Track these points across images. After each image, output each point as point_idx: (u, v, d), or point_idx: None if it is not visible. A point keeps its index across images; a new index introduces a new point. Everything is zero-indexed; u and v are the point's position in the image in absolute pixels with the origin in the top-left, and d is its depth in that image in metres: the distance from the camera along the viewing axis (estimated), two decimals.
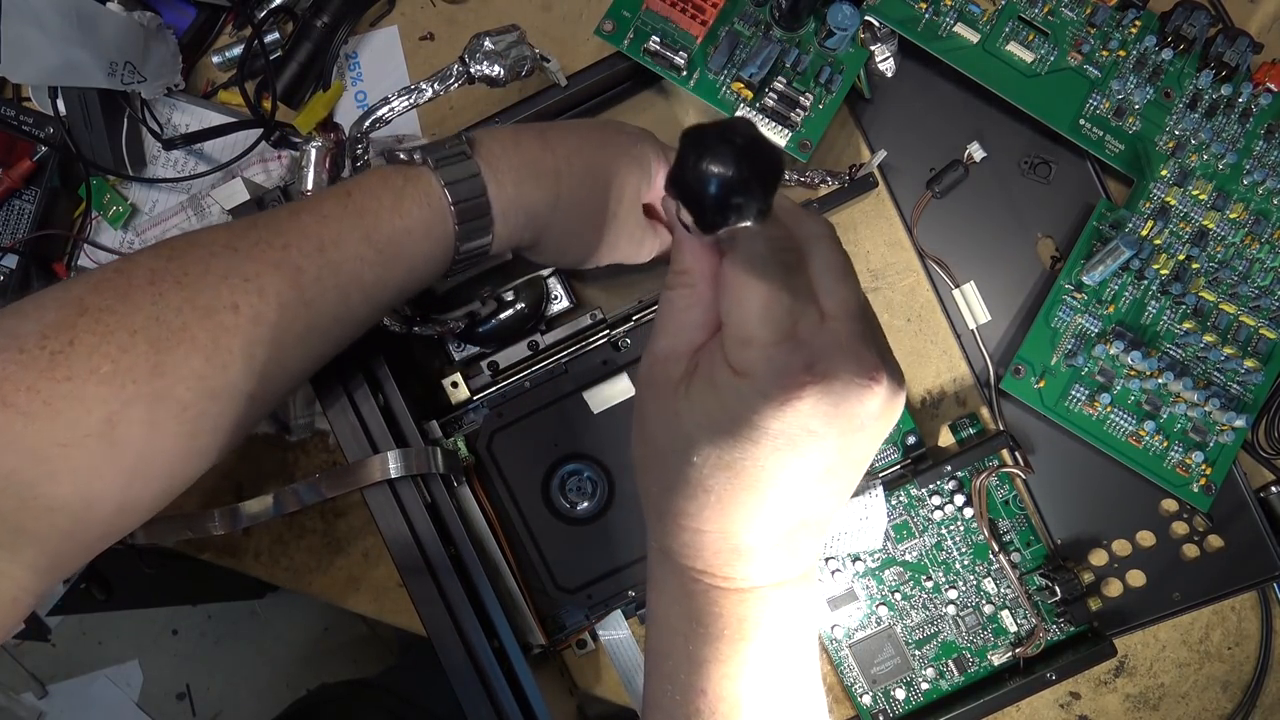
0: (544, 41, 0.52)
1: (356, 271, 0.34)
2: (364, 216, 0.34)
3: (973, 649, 0.49)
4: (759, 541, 0.28)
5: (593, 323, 0.48)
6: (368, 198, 0.35)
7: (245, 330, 0.32)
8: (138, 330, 0.30)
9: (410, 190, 0.35)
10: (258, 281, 0.32)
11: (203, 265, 0.32)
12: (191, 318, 0.31)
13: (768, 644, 0.30)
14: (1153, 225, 0.47)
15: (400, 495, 0.42)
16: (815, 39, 0.47)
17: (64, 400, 0.29)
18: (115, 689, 1.30)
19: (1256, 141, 0.48)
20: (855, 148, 0.51)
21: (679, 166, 0.23)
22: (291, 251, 0.33)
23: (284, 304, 0.33)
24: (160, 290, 0.31)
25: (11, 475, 0.29)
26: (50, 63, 0.46)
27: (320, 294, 0.34)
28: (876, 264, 0.51)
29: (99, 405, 0.30)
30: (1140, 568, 0.49)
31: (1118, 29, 0.48)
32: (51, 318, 0.30)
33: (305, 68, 0.52)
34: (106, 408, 0.30)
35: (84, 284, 0.31)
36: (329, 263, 0.34)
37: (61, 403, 0.29)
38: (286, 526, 0.53)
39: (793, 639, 0.31)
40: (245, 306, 0.32)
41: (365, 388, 0.43)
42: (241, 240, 0.33)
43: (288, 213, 0.34)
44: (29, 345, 0.29)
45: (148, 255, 0.32)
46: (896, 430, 0.49)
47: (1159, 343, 0.47)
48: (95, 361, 0.30)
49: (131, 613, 1.28)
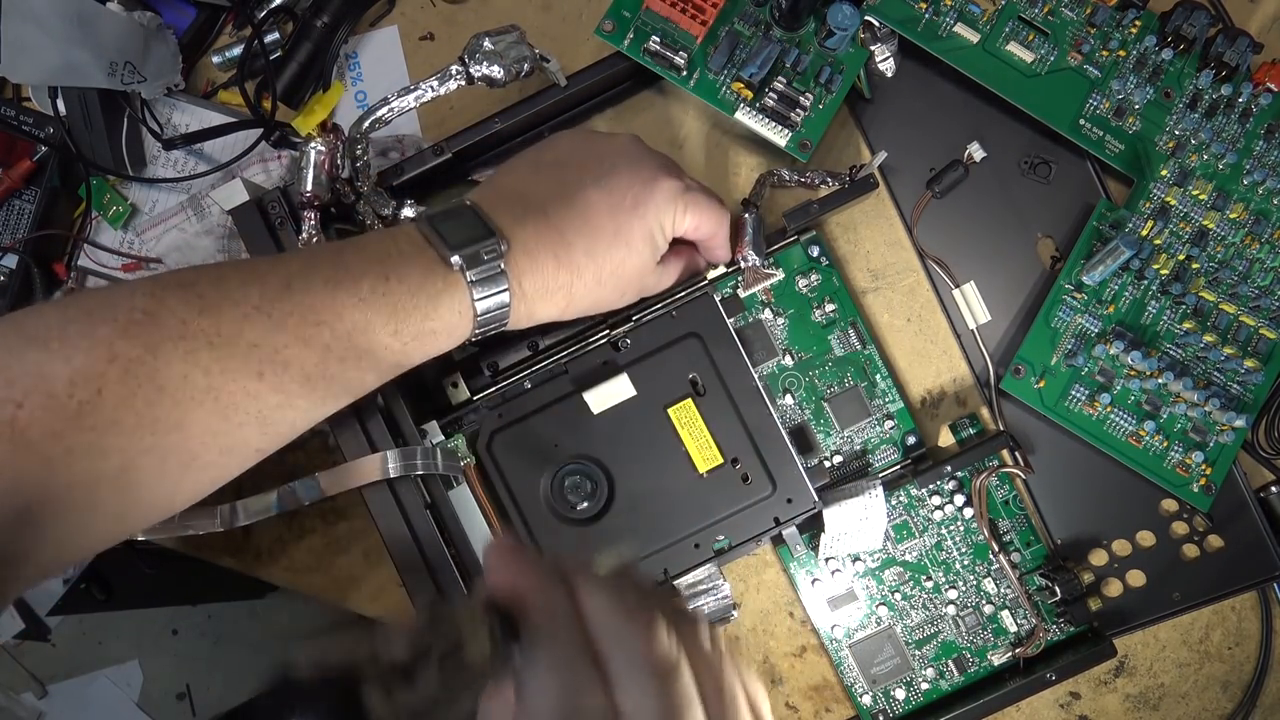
0: (544, 41, 0.52)
1: (378, 358, 0.35)
2: (397, 311, 0.35)
3: (973, 649, 0.49)
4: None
5: (592, 324, 0.48)
6: (405, 294, 0.35)
7: (265, 397, 0.33)
8: (164, 388, 0.31)
9: (445, 298, 0.36)
10: (285, 354, 0.33)
11: (235, 328, 0.32)
12: (218, 380, 0.32)
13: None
14: (1153, 225, 0.47)
15: (400, 495, 0.42)
16: (815, 39, 0.47)
17: (85, 450, 0.30)
18: (115, 689, 1.30)
19: (1256, 141, 0.48)
20: (855, 148, 0.51)
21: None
22: (323, 331, 0.33)
23: (306, 377, 0.34)
24: (191, 348, 0.31)
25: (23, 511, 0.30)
26: (50, 63, 0.46)
27: (341, 373, 0.35)
28: (876, 264, 0.51)
29: (116, 455, 0.30)
30: (1140, 568, 0.49)
31: (1118, 29, 0.48)
32: (81, 362, 0.30)
33: (305, 68, 0.52)
34: (123, 457, 0.30)
35: (111, 323, 0.31)
36: (355, 347, 0.34)
37: (82, 451, 0.30)
38: (287, 527, 0.53)
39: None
40: (269, 376, 0.33)
41: None
42: (276, 306, 0.33)
43: (323, 283, 0.34)
44: (58, 390, 0.29)
45: (177, 300, 0.32)
46: (897, 430, 0.49)
47: (1159, 343, 0.47)
48: (120, 414, 0.30)
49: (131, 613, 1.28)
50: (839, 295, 0.49)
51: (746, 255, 0.47)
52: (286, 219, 0.43)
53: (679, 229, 0.42)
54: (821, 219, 0.50)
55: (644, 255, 0.41)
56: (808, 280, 0.49)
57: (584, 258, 0.39)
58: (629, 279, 0.41)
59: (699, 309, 0.46)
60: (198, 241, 0.52)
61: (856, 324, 0.49)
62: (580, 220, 0.39)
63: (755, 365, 0.48)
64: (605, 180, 0.40)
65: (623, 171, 0.40)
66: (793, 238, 0.49)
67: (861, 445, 0.50)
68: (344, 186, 0.45)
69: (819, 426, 0.49)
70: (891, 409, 0.49)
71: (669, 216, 0.41)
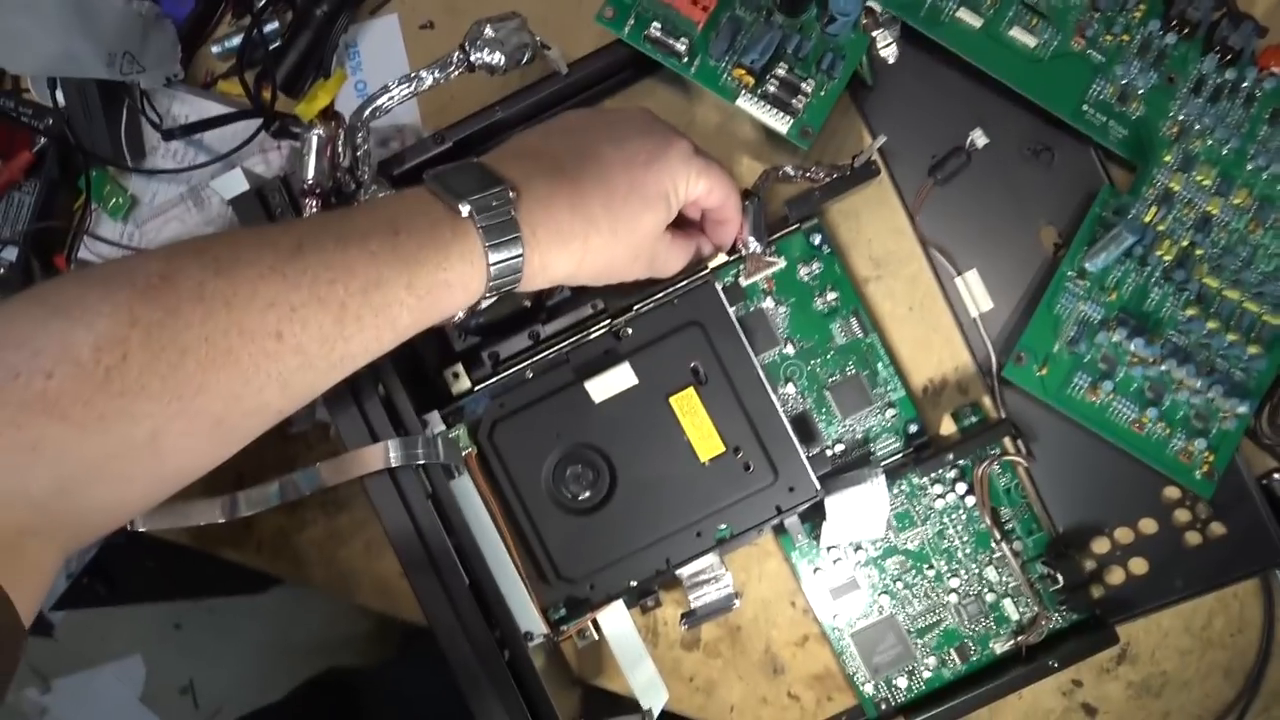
0: (544, 29, 0.52)
1: (394, 314, 0.35)
2: (409, 264, 0.35)
3: (975, 637, 0.49)
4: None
5: (594, 312, 0.48)
6: (415, 244, 0.35)
7: (285, 358, 0.33)
8: (187, 350, 0.31)
9: (456, 247, 0.36)
10: (303, 312, 0.33)
11: (250, 288, 0.32)
12: (237, 342, 0.32)
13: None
14: (1156, 211, 0.47)
15: (402, 485, 0.42)
16: (817, 25, 0.47)
17: (116, 415, 0.30)
18: (119, 684, 1.30)
19: (1261, 126, 0.47)
20: (857, 135, 0.51)
21: None
22: (338, 288, 0.34)
23: (324, 337, 0.34)
24: (210, 309, 0.32)
25: (66, 482, 0.30)
26: (49, 53, 0.46)
27: (358, 330, 0.35)
28: (878, 252, 0.51)
29: (146, 420, 0.31)
30: (1142, 555, 0.49)
31: (1121, 13, 0.47)
32: (104, 327, 0.30)
33: (305, 57, 0.52)
34: (153, 422, 0.31)
35: (129, 287, 0.31)
36: (370, 304, 0.34)
37: (114, 417, 0.30)
38: (288, 519, 0.53)
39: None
40: (288, 335, 0.33)
41: (366, 378, 0.43)
42: (289, 266, 0.33)
43: (334, 241, 0.34)
44: (84, 358, 0.29)
45: (191, 263, 0.32)
46: (898, 419, 0.49)
47: (1162, 329, 0.47)
48: (146, 379, 0.30)
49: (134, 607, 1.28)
50: (841, 283, 0.49)
51: (748, 243, 0.47)
52: (287, 208, 0.43)
53: (692, 192, 0.42)
54: (823, 207, 0.49)
55: (658, 213, 0.41)
56: (809, 268, 0.49)
57: (600, 209, 0.39)
58: (643, 237, 0.41)
59: (700, 297, 0.46)
60: (198, 232, 0.52)
61: (858, 312, 0.49)
62: (596, 172, 0.39)
63: (757, 354, 0.47)
64: (620, 141, 0.40)
65: (636, 133, 0.41)
66: (794, 226, 0.49)
67: (863, 434, 0.49)
68: (344, 175, 0.45)
69: (821, 415, 0.49)
70: (893, 397, 0.49)
71: (683, 176, 0.41)
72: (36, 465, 0.29)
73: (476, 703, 0.41)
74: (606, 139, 0.41)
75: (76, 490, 0.31)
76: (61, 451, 0.30)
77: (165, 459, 0.32)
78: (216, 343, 0.31)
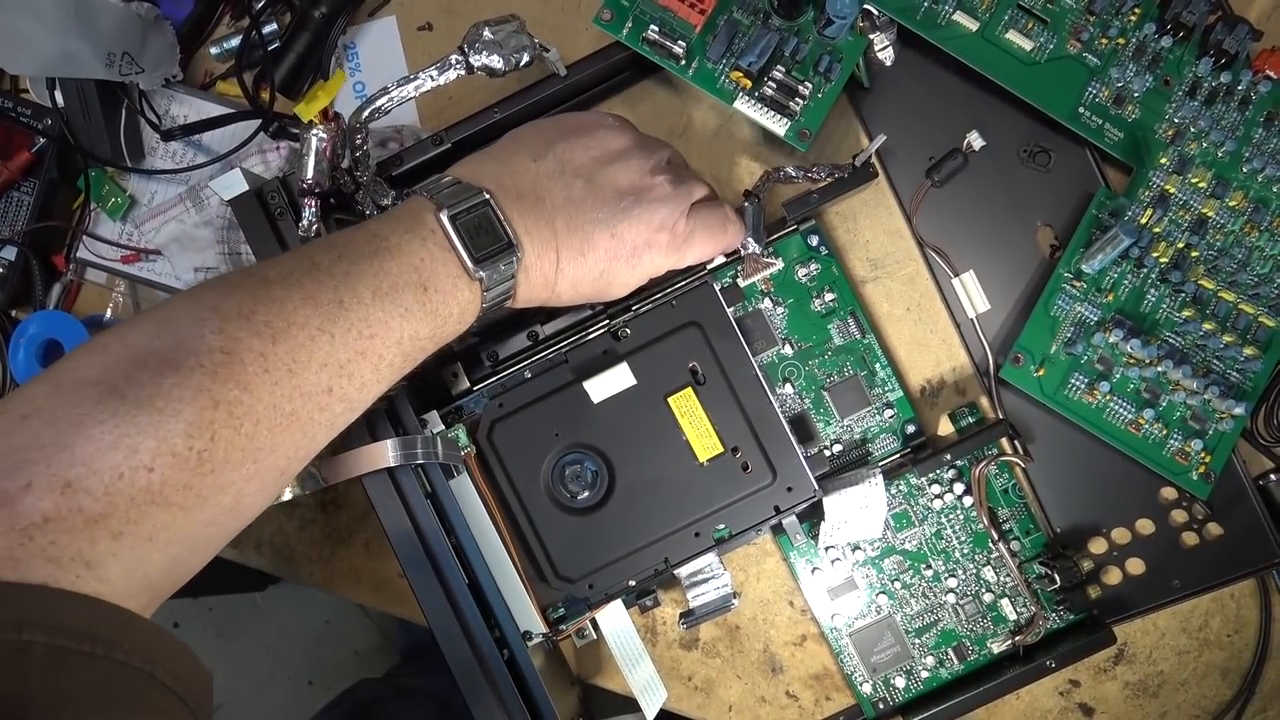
0: (543, 31, 0.52)
1: (417, 357, 0.39)
2: (436, 318, 0.38)
3: (972, 637, 0.49)
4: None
5: (592, 312, 0.48)
6: (442, 304, 0.38)
7: (334, 407, 0.36)
8: (260, 420, 0.33)
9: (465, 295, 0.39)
10: (349, 369, 0.36)
11: (307, 353, 0.35)
12: (299, 404, 0.34)
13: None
14: (1152, 213, 0.47)
15: (400, 484, 0.42)
16: (814, 27, 0.47)
17: (210, 490, 0.32)
18: None
19: (1256, 129, 0.48)
20: (854, 137, 0.51)
21: None
22: (376, 343, 0.36)
23: (364, 384, 0.37)
24: (275, 379, 0.34)
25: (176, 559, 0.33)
26: (48, 54, 0.46)
27: (391, 375, 0.38)
28: (876, 253, 0.51)
29: (232, 488, 0.33)
30: (1139, 555, 0.49)
31: (1117, 16, 0.48)
32: (190, 415, 0.31)
33: (303, 58, 0.52)
34: (236, 489, 0.33)
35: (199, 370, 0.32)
36: (403, 353, 0.38)
37: (209, 492, 0.32)
38: (287, 518, 0.53)
39: None
40: (338, 390, 0.36)
41: None
42: (335, 326, 0.35)
43: (371, 296, 0.36)
44: (179, 448, 0.31)
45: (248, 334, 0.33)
46: (896, 419, 0.50)
47: (1158, 331, 0.47)
48: (231, 453, 0.32)
49: None
50: (838, 284, 0.49)
51: (746, 244, 0.47)
52: (286, 209, 0.43)
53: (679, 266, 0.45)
54: (821, 208, 0.50)
55: (627, 288, 0.44)
56: (807, 269, 0.49)
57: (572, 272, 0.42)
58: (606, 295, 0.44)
59: (699, 298, 0.46)
60: (197, 233, 0.52)
61: (856, 313, 0.49)
62: (579, 249, 0.41)
63: (755, 354, 0.48)
64: (615, 224, 0.41)
65: (634, 218, 0.42)
66: (792, 227, 0.49)
67: (861, 434, 0.50)
68: (343, 176, 0.45)
69: (819, 415, 0.50)
70: (891, 398, 0.50)
71: (663, 266, 0.44)
72: (154, 553, 0.31)
73: (476, 702, 0.41)
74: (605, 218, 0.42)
75: (182, 563, 0.34)
76: (172, 535, 0.32)
77: (242, 515, 0.35)
78: (282, 408, 0.34)
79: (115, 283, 0.55)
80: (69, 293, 0.55)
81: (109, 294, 0.55)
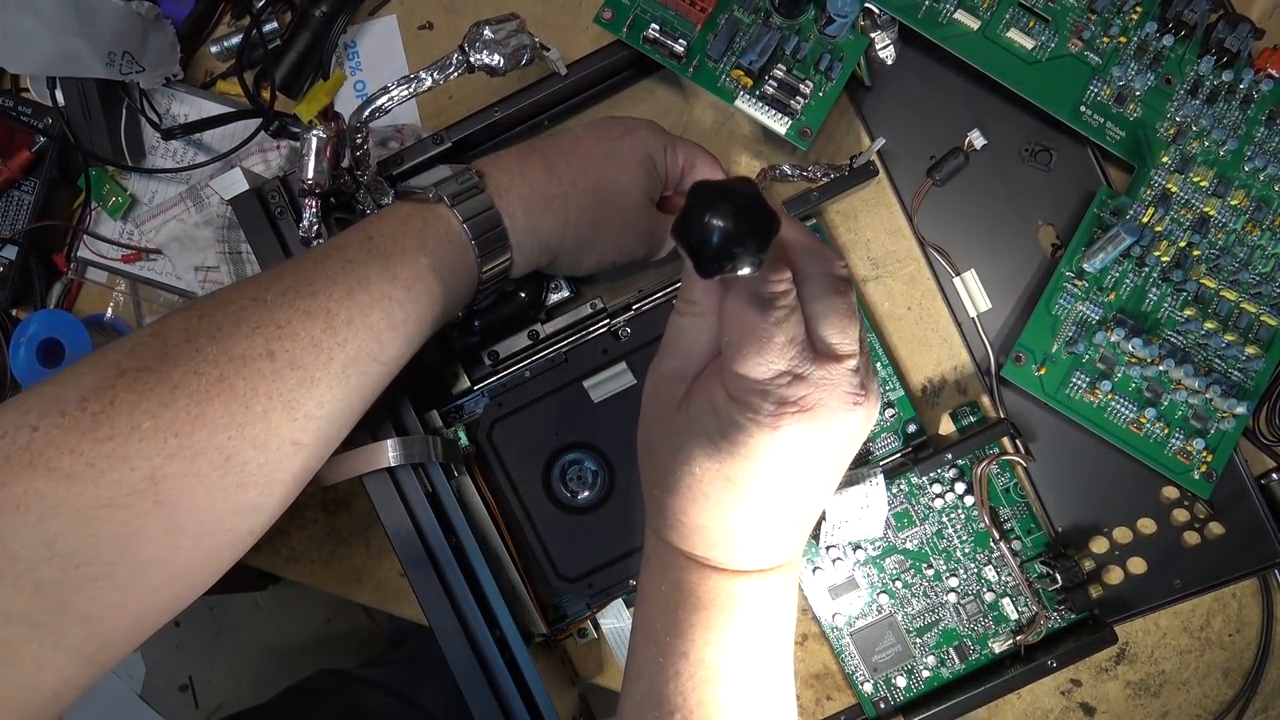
0: (543, 30, 0.52)
1: (386, 310, 0.35)
2: (389, 258, 0.35)
3: (974, 637, 0.49)
4: (749, 536, 0.32)
5: (593, 312, 0.48)
6: (389, 241, 0.36)
7: (282, 375, 0.32)
8: (177, 385, 0.30)
9: (431, 230, 0.36)
10: (289, 328, 0.33)
11: (235, 319, 0.32)
12: (228, 368, 0.31)
13: (749, 619, 0.32)
14: (1153, 212, 0.47)
15: (401, 484, 0.42)
16: (815, 26, 0.47)
17: (107, 460, 0.29)
18: (118, 681, 1.30)
19: (1257, 128, 0.47)
20: (855, 136, 0.51)
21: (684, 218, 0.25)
22: (320, 297, 0.34)
23: (317, 346, 0.33)
24: (196, 346, 0.31)
25: (54, 542, 0.28)
26: (48, 53, 0.46)
27: (352, 335, 0.34)
28: (877, 252, 0.51)
29: (142, 462, 0.29)
30: (1141, 555, 0.49)
31: (1118, 15, 0.47)
32: (90, 381, 0.30)
33: (304, 57, 0.52)
34: (149, 464, 0.29)
35: (119, 349, 0.31)
36: (358, 304, 0.34)
37: (104, 462, 0.29)
38: (288, 518, 0.53)
39: (774, 618, 0.33)
40: (280, 352, 0.32)
41: None
42: (269, 291, 0.33)
43: (312, 261, 0.35)
44: (70, 408, 0.29)
45: (180, 317, 0.33)
46: (897, 418, 0.49)
47: (1160, 330, 0.47)
48: (136, 418, 0.29)
49: None
50: None
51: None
52: (286, 208, 0.43)
53: (672, 163, 0.44)
54: (821, 207, 0.50)
55: (637, 175, 0.42)
56: None
57: (578, 170, 0.40)
58: (626, 199, 0.42)
59: None
60: (197, 232, 0.52)
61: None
62: (568, 144, 0.40)
63: None
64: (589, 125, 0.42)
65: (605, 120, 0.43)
66: None
67: None
68: (344, 176, 0.45)
69: None
70: (892, 397, 0.49)
71: (658, 145, 0.43)
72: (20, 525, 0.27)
73: (476, 701, 0.41)
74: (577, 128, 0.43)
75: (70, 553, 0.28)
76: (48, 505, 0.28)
77: (173, 503, 0.30)
78: (206, 373, 0.31)
79: (116, 282, 0.55)
80: (69, 292, 0.55)
81: (109, 293, 0.55)
